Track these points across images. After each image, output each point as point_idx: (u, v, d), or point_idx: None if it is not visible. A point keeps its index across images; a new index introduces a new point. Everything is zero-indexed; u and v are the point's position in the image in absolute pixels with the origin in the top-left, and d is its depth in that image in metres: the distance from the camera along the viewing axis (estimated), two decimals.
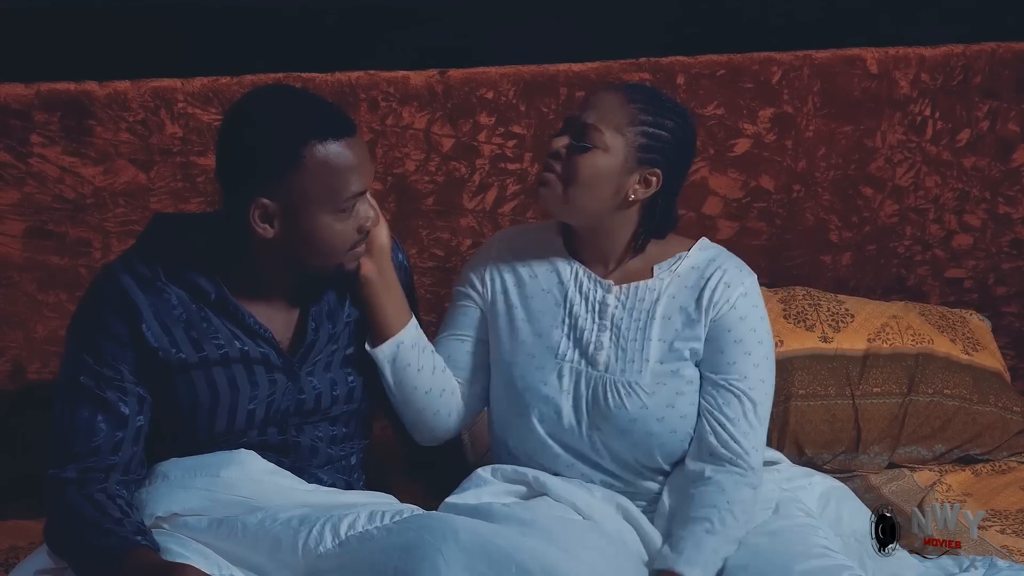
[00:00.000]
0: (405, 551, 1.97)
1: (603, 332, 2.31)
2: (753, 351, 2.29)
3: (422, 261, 2.94)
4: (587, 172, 2.23)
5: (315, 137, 2.07)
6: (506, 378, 2.34)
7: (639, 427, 2.27)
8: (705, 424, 2.28)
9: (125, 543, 1.99)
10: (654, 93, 2.31)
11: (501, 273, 2.38)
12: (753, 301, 2.32)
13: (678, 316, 2.30)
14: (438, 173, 2.92)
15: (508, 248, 2.40)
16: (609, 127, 2.23)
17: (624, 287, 2.32)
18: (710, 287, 2.30)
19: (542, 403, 2.30)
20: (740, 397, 2.28)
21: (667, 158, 2.26)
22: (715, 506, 2.21)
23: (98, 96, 2.69)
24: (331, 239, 2.12)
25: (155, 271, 2.14)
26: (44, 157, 2.69)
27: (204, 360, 2.15)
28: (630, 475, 2.32)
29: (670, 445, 2.29)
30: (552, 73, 2.92)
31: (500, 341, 2.36)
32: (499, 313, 2.36)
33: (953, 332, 3.01)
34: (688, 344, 2.30)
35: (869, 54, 3.09)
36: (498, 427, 2.39)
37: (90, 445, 2.09)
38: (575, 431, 2.30)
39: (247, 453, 2.18)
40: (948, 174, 3.21)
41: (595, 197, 2.25)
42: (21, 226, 2.72)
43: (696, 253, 2.35)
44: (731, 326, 2.29)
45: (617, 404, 2.27)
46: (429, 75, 2.86)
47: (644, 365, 2.29)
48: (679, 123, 2.28)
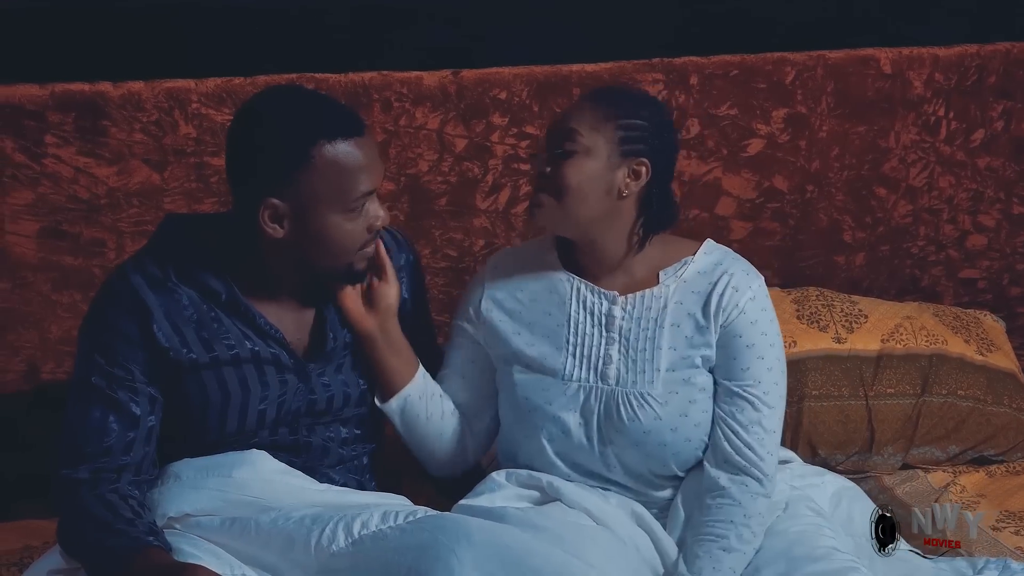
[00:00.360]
0: (419, 551, 1.97)
1: (611, 345, 2.28)
2: (766, 355, 2.27)
3: (435, 262, 2.94)
4: (575, 178, 2.20)
5: (324, 137, 2.07)
6: (512, 400, 2.32)
7: (653, 438, 2.25)
8: (719, 431, 2.26)
9: (137, 543, 2.00)
10: (621, 89, 2.31)
11: (497, 302, 2.35)
12: (762, 304, 2.29)
13: (687, 323, 2.28)
14: (451, 173, 2.92)
15: (502, 274, 2.37)
16: (584, 127, 2.21)
17: (630, 297, 2.29)
18: (717, 292, 2.28)
19: (551, 423, 2.28)
20: (754, 403, 2.26)
21: (650, 146, 2.23)
22: (732, 521, 2.20)
23: (112, 97, 2.70)
24: (341, 239, 2.12)
25: (166, 271, 2.14)
26: (58, 157, 2.70)
27: (215, 360, 2.15)
28: (642, 486, 2.30)
29: (684, 454, 2.27)
30: (565, 73, 2.92)
31: (504, 367, 2.33)
32: (500, 341, 2.33)
33: (967, 333, 3.00)
34: (699, 351, 2.27)
35: (883, 54, 3.08)
36: (506, 445, 2.37)
37: (102, 445, 2.09)
38: (585, 448, 2.28)
39: (259, 453, 2.18)
40: (962, 174, 3.20)
41: (589, 201, 2.22)
42: (35, 226, 2.72)
43: (702, 257, 2.32)
44: (742, 331, 2.27)
45: (630, 416, 2.25)
46: (442, 75, 2.86)
47: (655, 375, 2.26)
48: (653, 110, 2.26)
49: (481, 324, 2.35)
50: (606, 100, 2.25)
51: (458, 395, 2.37)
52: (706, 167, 3.05)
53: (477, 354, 2.37)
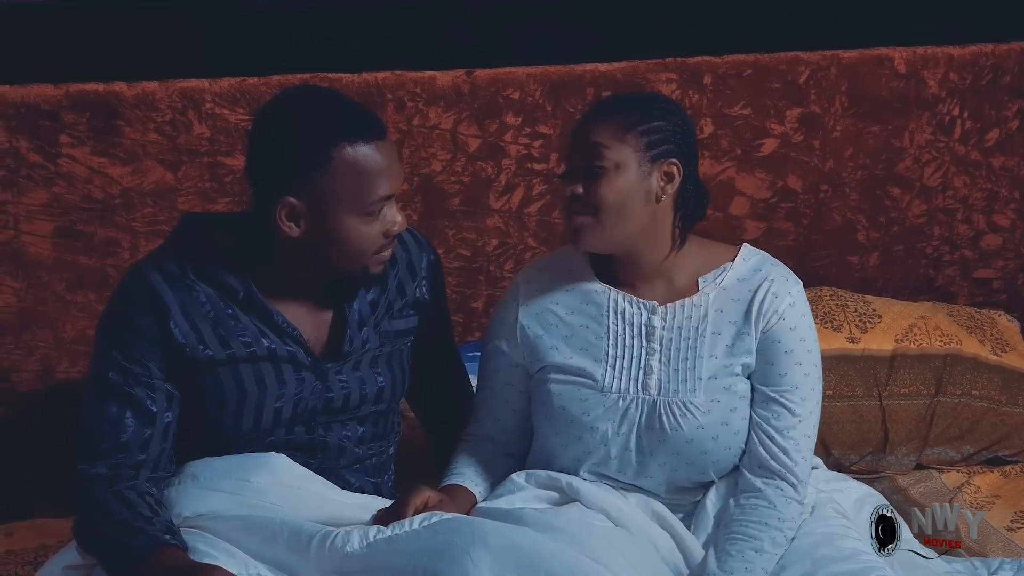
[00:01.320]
0: (433, 553, 1.97)
1: (652, 355, 2.26)
2: (804, 361, 2.26)
3: (448, 261, 2.94)
4: (612, 195, 2.18)
5: (345, 138, 2.07)
6: (549, 411, 2.28)
7: (695, 447, 2.23)
8: (755, 436, 2.25)
9: (154, 542, 2.00)
10: (628, 96, 2.26)
11: (532, 318, 2.31)
12: (801, 311, 2.28)
13: (728, 331, 2.26)
14: (464, 173, 2.92)
15: (534, 289, 2.33)
16: (608, 140, 2.18)
17: (669, 306, 2.27)
18: (758, 299, 2.26)
19: (589, 434, 2.25)
20: (792, 409, 2.24)
21: (675, 144, 2.21)
22: (766, 524, 2.19)
23: (126, 97, 2.70)
24: (356, 241, 2.12)
25: (184, 269, 2.14)
26: (73, 157, 2.70)
27: (231, 357, 2.15)
28: (674, 494, 2.28)
29: (724, 461, 2.26)
30: (579, 73, 2.92)
31: (540, 377, 2.30)
32: (536, 358, 2.30)
33: (982, 333, 3.00)
34: (740, 359, 2.25)
35: (897, 54, 3.07)
36: (540, 455, 2.33)
37: (118, 441, 2.10)
38: (624, 459, 2.25)
39: (278, 457, 2.17)
40: (977, 174, 3.20)
41: (631, 215, 2.19)
42: (50, 226, 2.73)
43: (741, 263, 2.30)
44: (781, 337, 2.25)
45: (673, 426, 2.22)
46: (456, 75, 2.86)
47: (697, 383, 2.24)
48: (667, 108, 2.24)
49: (517, 342, 2.31)
50: (621, 109, 2.23)
51: (497, 416, 2.35)
52: (720, 167, 3.05)
53: (515, 376, 2.34)
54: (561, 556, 2.00)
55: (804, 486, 2.24)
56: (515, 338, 2.32)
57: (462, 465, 2.32)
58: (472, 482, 2.29)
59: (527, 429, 2.36)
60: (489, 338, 2.36)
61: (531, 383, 2.32)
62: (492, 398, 2.36)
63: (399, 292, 2.29)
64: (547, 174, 2.96)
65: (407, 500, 2.13)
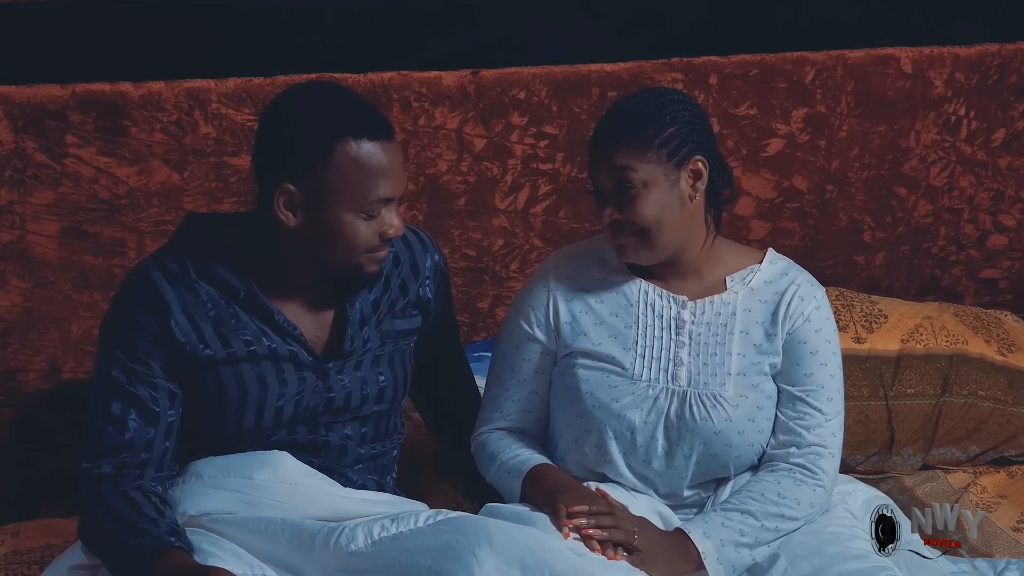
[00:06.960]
0: (438, 552, 1.97)
1: (681, 348, 2.27)
2: (829, 362, 2.28)
3: (454, 261, 2.94)
4: (651, 213, 2.19)
5: (350, 133, 2.07)
6: (574, 396, 2.28)
7: (721, 439, 2.24)
8: (780, 436, 2.27)
9: (159, 544, 2.00)
10: (635, 102, 2.23)
11: (563, 303, 2.31)
12: (826, 314, 2.31)
13: (756, 331, 2.28)
14: (470, 173, 2.92)
15: (565, 276, 2.33)
16: (631, 160, 2.18)
17: (699, 302, 2.29)
18: (786, 301, 2.29)
19: (615, 420, 2.25)
20: (819, 408, 2.27)
21: (695, 140, 2.22)
22: (763, 495, 2.21)
23: (133, 97, 2.71)
24: (350, 237, 2.11)
25: (186, 268, 2.15)
26: (79, 158, 2.71)
27: (232, 356, 2.15)
28: (692, 490, 2.29)
29: (744, 458, 2.27)
30: (584, 73, 2.92)
31: (567, 361, 2.30)
32: (564, 343, 2.30)
33: (988, 333, 2.99)
34: (768, 359, 2.27)
35: (903, 53, 3.07)
36: (560, 440, 2.33)
37: (122, 439, 2.10)
38: (651, 447, 2.25)
39: (280, 455, 2.18)
40: (983, 174, 3.20)
41: (671, 225, 2.21)
42: (57, 226, 2.73)
43: (768, 266, 2.33)
44: (806, 338, 2.27)
45: (703, 416, 2.23)
46: (461, 75, 2.86)
47: (727, 378, 2.26)
48: (676, 107, 2.23)
49: (551, 327, 2.31)
50: (634, 122, 2.21)
51: (523, 403, 2.34)
52: None
53: (544, 364, 2.33)
54: (565, 555, 2.00)
55: (827, 477, 2.26)
56: (547, 323, 2.31)
57: (526, 449, 2.31)
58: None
59: (547, 426, 2.36)
60: (518, 320, 2.34)
61: (555, 370, 2.33)
62: (518, 389, 2.34)
63: (401, 291, 2.29)
64: (553, 174, 2.96)
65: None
